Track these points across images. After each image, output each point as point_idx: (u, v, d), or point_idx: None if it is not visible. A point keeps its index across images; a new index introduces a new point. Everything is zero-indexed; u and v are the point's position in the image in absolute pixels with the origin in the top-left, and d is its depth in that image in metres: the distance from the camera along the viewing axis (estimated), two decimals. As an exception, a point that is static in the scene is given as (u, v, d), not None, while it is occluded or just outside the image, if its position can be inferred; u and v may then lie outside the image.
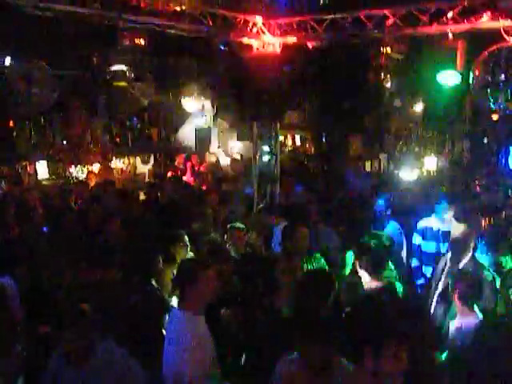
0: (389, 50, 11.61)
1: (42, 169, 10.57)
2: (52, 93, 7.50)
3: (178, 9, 8.45)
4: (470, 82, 7.44)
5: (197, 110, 11.46)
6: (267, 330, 3.99)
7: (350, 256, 5.14)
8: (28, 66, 7.34)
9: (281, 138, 12.25)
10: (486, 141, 15.53)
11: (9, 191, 9.11)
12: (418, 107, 14.50)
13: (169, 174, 11.02)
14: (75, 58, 8.64)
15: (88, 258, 4.86)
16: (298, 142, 16.13)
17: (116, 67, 8.29)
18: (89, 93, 9.57)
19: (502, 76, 6.89)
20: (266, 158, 9.42)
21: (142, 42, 7.61)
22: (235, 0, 9.95)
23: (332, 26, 8.87)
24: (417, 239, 6.85)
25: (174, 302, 4.40)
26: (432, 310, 4.83)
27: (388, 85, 12.73)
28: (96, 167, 10.90)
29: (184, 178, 10.93)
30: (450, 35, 7.36)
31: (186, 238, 5.53)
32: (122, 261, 4.83)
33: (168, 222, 6.57)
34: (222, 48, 8.32)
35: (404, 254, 6.82)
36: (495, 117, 13.12)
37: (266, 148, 9.42)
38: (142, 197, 9.24)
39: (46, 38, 7.54)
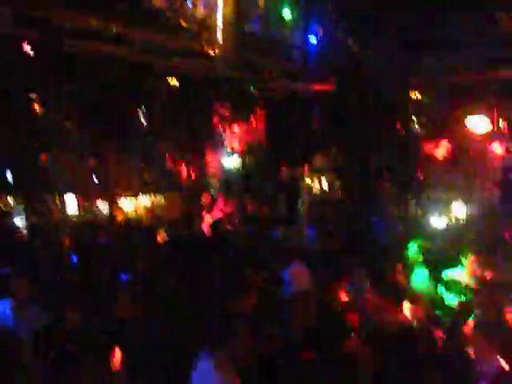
0: (418, 94, 11.64)
1: (71, 203, 10.69)
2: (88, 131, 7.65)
3: (211, 53, 8.72)
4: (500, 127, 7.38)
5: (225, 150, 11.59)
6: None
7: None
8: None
9: (308, 181, 12.24)
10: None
11: (38, 224, 9.24)
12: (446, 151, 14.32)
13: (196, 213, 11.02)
14: (111, 97, 8.83)
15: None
16: (325, 186, 16.03)
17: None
18: (122, 132, 9.74)
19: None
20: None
21: (177, 83, 7.78)
22: (267, 44, 10.23)
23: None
24: (440, 290, 6.67)
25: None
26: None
27: (415, 129, 12.70)
28: (124, 203, 11.00)
29: (209, 218, 10.94)
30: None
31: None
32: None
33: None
34: (253, 91, 8.47)
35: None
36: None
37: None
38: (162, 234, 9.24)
39: (88, 75, 7.72)
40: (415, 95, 11.76)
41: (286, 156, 9.14)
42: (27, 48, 6.08)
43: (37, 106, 7.63)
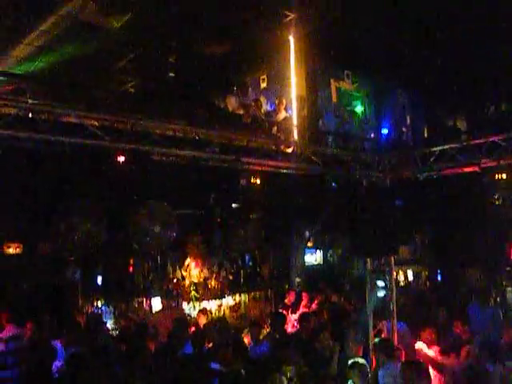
0: (504, 175, 11.17)
1: (157, 305, 10.83)
2: (172, 231, 7.91)
3: (289, 150, 8.92)
4: None
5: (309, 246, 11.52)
6: None
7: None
8: (152, 205, 7.90)
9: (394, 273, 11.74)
10: None
11: (125, 325, 9.38)
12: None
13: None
14: (194, 197, 9.20)
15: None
16: (410, 277, 15.43)
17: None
18: (205, 231, 10.02)
19: None
20: (381, 294, 9.10)
21: (258, 181, 7.97)
22: (342, 138, 10.39)
23: (442, 156, 8.88)
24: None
25: None
26: None
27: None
28: (207, 305, 11.00)
29: (295, 317, 10.67)
30: None
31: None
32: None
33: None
34: (334, 185, 8.52)
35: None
36: None
37: (380, 283, 9.16)
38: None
39: (169, 181, 8.14)
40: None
41: (369, 248, 8.89)
42: (121, 159, 6.48)
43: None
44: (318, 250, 12.29)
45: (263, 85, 11.27)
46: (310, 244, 11.82)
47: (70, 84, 8.41)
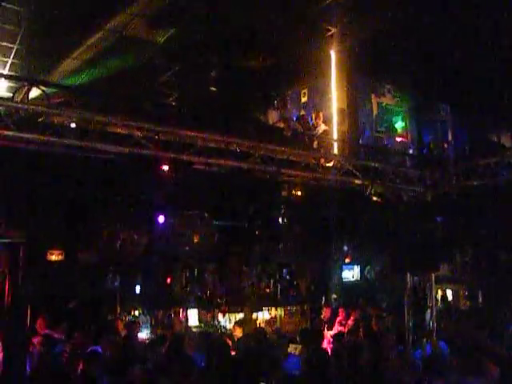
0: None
1: (193, 316, 10.87)
2: (212, 242, 7.96)
3: (329, 165, 8.92)
4: None
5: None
6: None
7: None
8: (192, 216, 7.98)
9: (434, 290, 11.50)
10: None
11: (161, 335, 9.41)
12: None
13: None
14: (233, 209, 9.26)
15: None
16: (449, 297, 15.06)
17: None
18: (244, 243, 10.05)
19: None
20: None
21: (299, 193, 7.98)
22: (382, 153, 10.31)
23: (484, 171, 8.74)
24: None
25: None
26: None
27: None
28: (244, 317, 10.97)
29: (331, 333, 10.52)
30: None
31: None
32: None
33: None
34: (374, 199, 8.45)
35: None
36: None
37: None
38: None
39: (210, 192, 8.22)
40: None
41: (410, 264, 8.76)
42: (165, 168, 6.60)
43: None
44: (355, 266, 12.15)
45: (304, 99, 11.33)
46: (347, 260, 11.70)
47: (115, 96, 8.63)
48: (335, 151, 9.76)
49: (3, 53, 10.62)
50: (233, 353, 8.21)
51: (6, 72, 10.81)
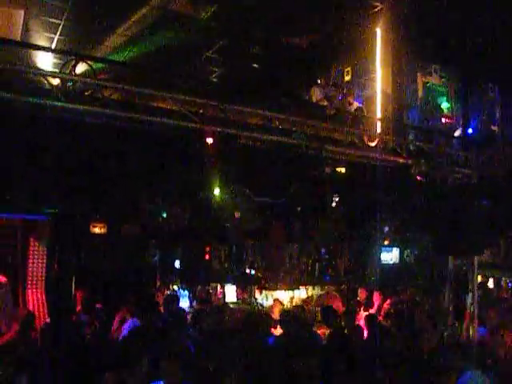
0: None
1: (231, 292, 10.96)
2: (254, 219, 7.98)
3: (372, 144, 8.78)
4: None
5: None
6: None
7: None
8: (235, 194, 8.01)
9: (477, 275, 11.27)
10: None
11: (199, 309, 9.53)
12: None
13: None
14: (275, 186, 9.23)
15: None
16: (490, 284, 14.72)
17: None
18: (284, 219, 10.04)
19: None
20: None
21: (343, 170, 7.91)
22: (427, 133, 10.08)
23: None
24: None
25: None
26: None
27: None
28: (281, 295, 10.98)
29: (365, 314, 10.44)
30: None
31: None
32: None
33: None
34: (419, 179, 8.30)
35: None
36: None
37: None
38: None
39: (253, 168, 8.21)
40: None
41: (454, 248, 8.56)
42: (209, 140, 6.63)
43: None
44: (394, 249, 11.97)
45: (347, 77, 11.16)
46: (386, 242, 11.53)
47: (159, 71, 8.69)
48: (378, 130, 9.61)
49: (50, 29, 10.81)
50: (273, 330, 8.26)
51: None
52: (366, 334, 8.05)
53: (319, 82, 10.44)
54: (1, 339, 7.32)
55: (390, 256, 12.07)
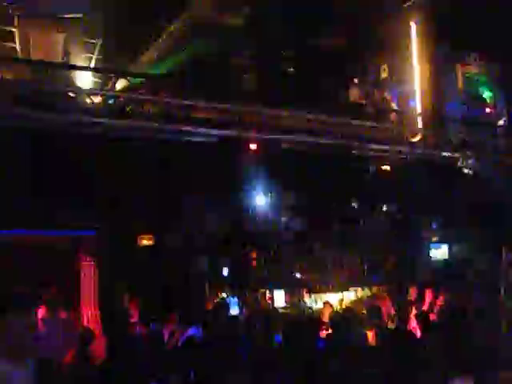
0: None
1: (280, 297, 10.91)
2: (297, 222, 7.94)
3: (415, 140, 8.65)
4: None
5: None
6: None
7: None
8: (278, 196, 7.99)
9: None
10: None
11: (250, 315, 9.53)
12: None
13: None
14: (319, 188, 9.16)
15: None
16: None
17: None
18: (329, 222, 9.94)
19: None
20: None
21: (388, 168, 7.80)
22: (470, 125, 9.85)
23: None
24: None
25: None
26: None
27: None
28: (330, 297, 10.87)
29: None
30: None
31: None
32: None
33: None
34: (466, 171, 8.10)
35: None
36: None
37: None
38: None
39: (296, 171, 8.16)
40: None
41: (507, 241, 8.32)
42: (253, 147, 6.67)
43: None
44: (443, 245, 11.68)
45: (384, 75, 11.00)
46: (435, 238, 11.26)
47: (198, 81, 8.78)
48: (419, 126, 9.44)
49: (88, 49, 11.09)
50: (323, 333, 8.18)
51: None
52: (418, 333, 7.92)
53: (356, 81, 10.34)
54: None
55: (440, 252, 11.79)
